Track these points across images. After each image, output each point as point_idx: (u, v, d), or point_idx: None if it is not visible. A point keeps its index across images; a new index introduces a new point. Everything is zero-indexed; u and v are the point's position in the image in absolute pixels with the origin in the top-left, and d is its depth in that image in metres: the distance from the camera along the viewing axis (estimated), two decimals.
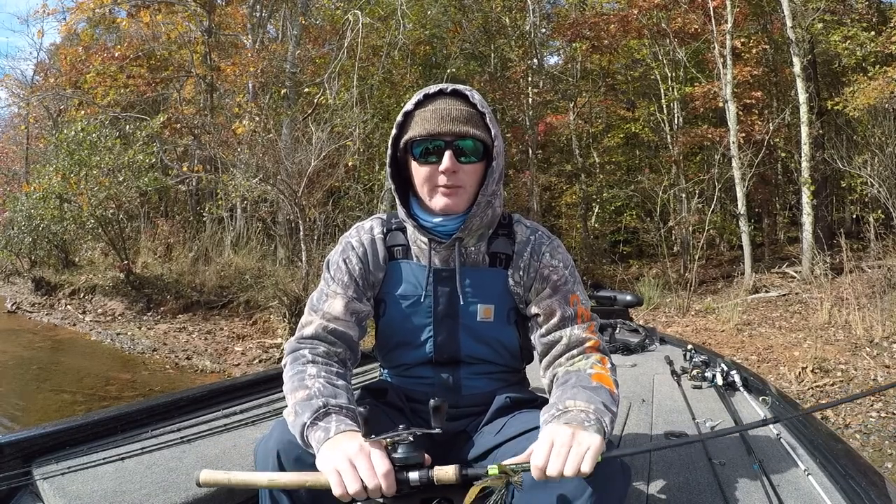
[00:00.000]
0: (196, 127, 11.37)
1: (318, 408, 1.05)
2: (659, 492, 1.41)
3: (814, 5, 9.05)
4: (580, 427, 0.96)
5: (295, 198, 7.59)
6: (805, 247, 8.63)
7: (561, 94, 12.75)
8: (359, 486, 0.91)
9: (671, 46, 11.21)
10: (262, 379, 2.13)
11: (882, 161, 8.07)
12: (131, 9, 12.43)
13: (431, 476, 0.93)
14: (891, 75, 8.05)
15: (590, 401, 1.03)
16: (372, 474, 0.91)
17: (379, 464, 0.93)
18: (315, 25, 11.93)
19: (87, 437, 1.60)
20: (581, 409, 1.01)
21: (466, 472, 0.93)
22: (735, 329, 6.76)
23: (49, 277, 10.41)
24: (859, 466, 1.45)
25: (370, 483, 0.91)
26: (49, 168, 9.00)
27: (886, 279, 6.93)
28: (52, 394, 5.24)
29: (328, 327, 1.24)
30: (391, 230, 1.31)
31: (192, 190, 12.03)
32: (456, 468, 0.93)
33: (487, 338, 1.27)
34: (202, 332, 7.60)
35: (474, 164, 1.19)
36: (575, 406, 1.02)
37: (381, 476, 0.91)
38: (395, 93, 10.94)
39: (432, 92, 1.20)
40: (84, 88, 11.50)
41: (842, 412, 4.35)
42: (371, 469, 0.92)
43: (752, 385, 2.20)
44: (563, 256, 1.27)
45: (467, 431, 1.30)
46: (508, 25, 12.17)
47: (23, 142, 15.40)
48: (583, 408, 1.02)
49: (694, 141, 10.92)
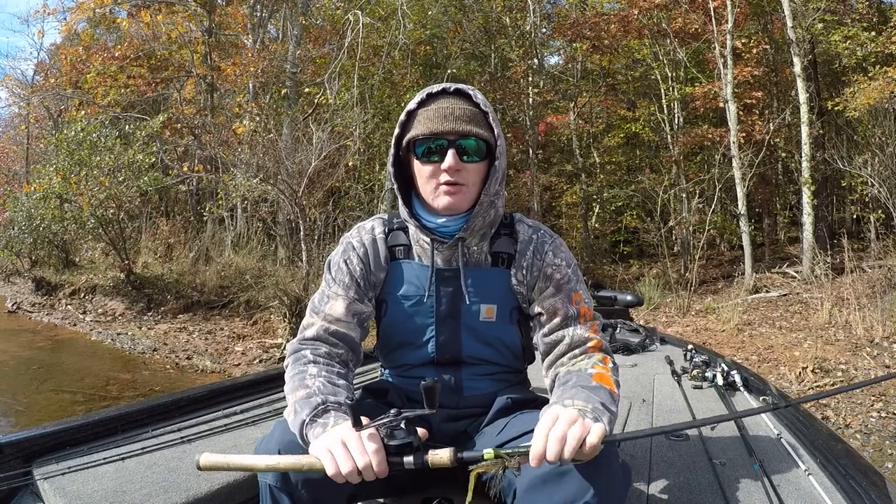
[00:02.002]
0: (196, 127, 11.37)
1: (316, 405, 1.05)
2: (659, 492, 1.41)
3: (814, 5, 9.05)
4: (580, 416, 0.96)
5: (295, 198, 7.59)
6: (805, 247, 8.63)
7: (561, 94, 12.75)
8: (351, 464, 0.91)
9: (672, 46, 11.21)
10: (262, 379, 2.13)
11: (882, 161, 8.06)
12: (132, 9, 12.45)
13: (426, 460, 0.93)
14: (891, 75, 8.05)
15: (588, 400, 1.03)
16: (362, 452, 0.92)
17: (370, 443, 0.93)
18: (315, 25, 11.93)
19: (87, 437, 1.60)
20: (579, 407, 1.01)
21: (462, 456, 0.92)
22: (735, 329, 6.76)
23: (49, 277, 10.41)
24: (860, 466, 1.44)
25: (360, 461, 0.91)
26: (49, 168, 9.00)
27: (887, 279, 6.93)
28: (53, 394, 5.25)
29: (330, 329, 1.24)
30: (393, 230, 1.31)
31: (193, 190, 12.03)
32: (451, 451, 0.93)
33: (490, 338, 1.27)
34: (203, 332, 7.60)
35: (477, 163, 1.19)
36: (573, 405, 1.02)
37: (371, 453, 0.92)
38: (395, 93, 10.94)
39: (435, 91, 1.20)
40: (84, 88, 11.51)
41: (842, 412, 4.35)
42: (362, 448, 0.92)
43: (753, 385, 2.20)
44: (565, 255, 1.27)
45: (468, 432, 1.30)
46: (509, 25, 12.18)
47: (23, 142, 15.41)
48: (580, 406, 1.01)
49: (694, 141, 10.93)
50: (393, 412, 0.95)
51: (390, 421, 0.94)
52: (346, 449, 0.92)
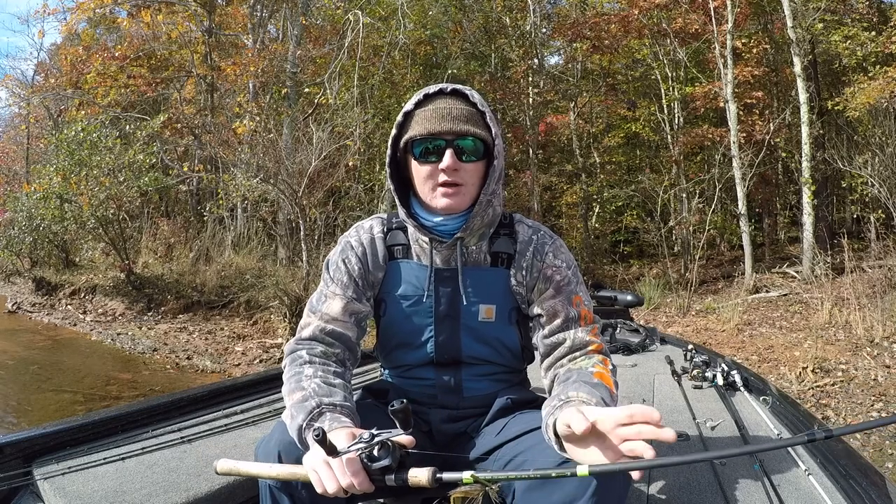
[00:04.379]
0: (197, 127, 11.38)
1: (311, 409, 1.05)
2: (659, 492, 1.41)
3: (814, 5, 9.05)
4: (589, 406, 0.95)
5: (295, 198, 7.59)
6: (806, 247, 8.63)
7: (561, 94, 12.75)
8: (336, 484, 0.92)
9: (672, 46, 11.21)
10: (262, 379, 2.13)
11: (882, 161, 8.06)
12: (132, 9, 12.44)
13: (406, 479, 0.92)
14: (891, 75, 8.04)
15: (591, 394, 1.03)
16: (343, 474, 0.92)
17: (349, 466, 0.93)
18: (316, 25, 11.93)
19: (87, 437, 1.60)
20: (583, 399, 1.01)
21: (440, 477, 0.90)
22: (735, 329, 6.76)
23: (50, 277, 10.42)
24: (860, 466, 1.44)
25: (344, 482, 0.91)
26: (49, 168, 9.00)
27: (887, 279, 6.93)
28: (53, 394, 5.25)
29: (326, 328, 1.24)
30: (391, 229, 1.31)
31: (193, 190, 12.03)
32: (430, 472, 0.90)
33: (488, 338, 1.27)
34: (203, 332, 7.60)
35: (475, 162, 1.19)
36: (577, 397, 1.02)
37: (351, 475, 0.92)
38: (395, 93, 10.95)
39: (432, 92, 1.20)
40: (84, 88, 11.51)
41: (842, 412, 4.35)
42: (343, 470, 0.92)
43: (753, 385, 2.20)
44: (565, 256, 1.27)
45: (468, 432, 1.30)
46: (509, 25, 12.18)
47: (23, 142, 15.44)
48: (584, 399, 1.01)
49: (694, 141, 10.93)
50: (366, 436, 0.94)
51: (365, 446, 0.93)
52: (329, 469, 0.92)
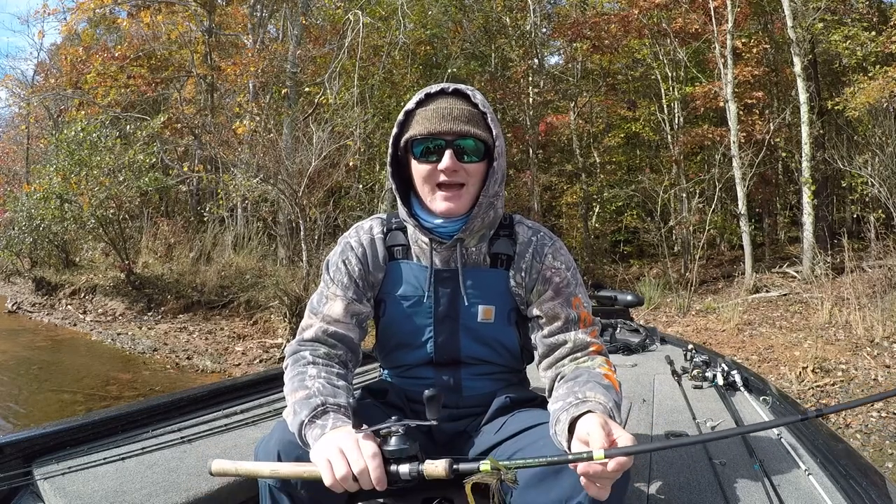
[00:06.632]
0: (197, 127, 11.38)
1: (315, 406, 1.05)
2: (659, 491, 1.41)
3: (814, 5, 9.04)
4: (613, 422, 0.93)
5: (295, 198, 7.59)
6: (806, 246, 8.63)
7: (562, 93, 12.75)
8: (347, 470, 0.90)
9: (672, 46, 11.21)
10: (262, 379, 2.13)
11: (882, 161, 8.05)
12: (132, 9, 12.44)
13: (421, 470, 0.91)
14: (891, 75, 8.04)
15: (607, 398, 1.03)
16: (359, 458, 0.90)
17: (367, 449, 0.92)
18: (316, 25, 11.94)
19: (87, 437, 1.60)
20: (601, 401, 1.00)
21: (457, 467, 0.90)
22: (736, 329, 6.76)
23: (50, 277, 10.42)
24: (860, 466, 1.44)
25: (357, 467, 0.90)
26: (49, 168, 9.00)
27: (887, 279, 6.92)
28: (53, 394, 5.25)
29: (328, 330, 1.24)
30: (391, 230, 1.31)
31: (193, 190, 12.03)
32: (446, 462, 0.90)
33: (488, 338, 1.27)
34: (203, 332, 7.60)
35: (475, 163, 1.18)
36: (594, 398, 1.01)
37: (367, 458, 0.90)
38: (395, 93, 10.94)
39: (434, 91, 1.19)
40: (84, 88, 11.50)
41: (842, 412, 4.34)
42: (359, 454, 0.91)
43: (753, 385, 2.20)
44: (565, 258, 1.27)
45: (467, 431, 1.30)
46: (509, 25, 12.18)
47: (23, 142, 15.44)
48: (602, 401, 1.01)
49: (694, 141, 10.93)
50: (394, 418, 0.94)
51: (390, 427, 0.93)
52: (342, 455, 0.91)
